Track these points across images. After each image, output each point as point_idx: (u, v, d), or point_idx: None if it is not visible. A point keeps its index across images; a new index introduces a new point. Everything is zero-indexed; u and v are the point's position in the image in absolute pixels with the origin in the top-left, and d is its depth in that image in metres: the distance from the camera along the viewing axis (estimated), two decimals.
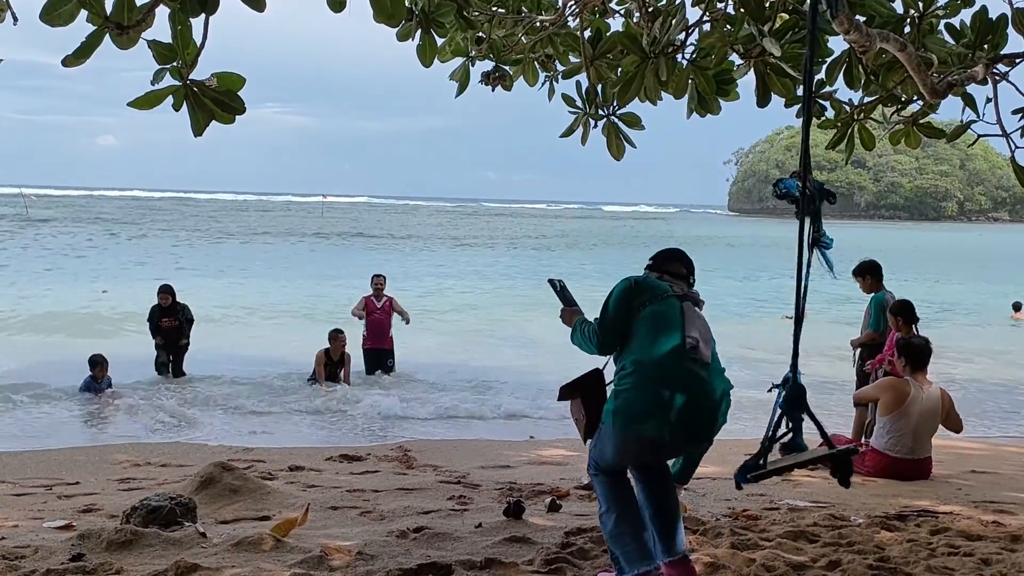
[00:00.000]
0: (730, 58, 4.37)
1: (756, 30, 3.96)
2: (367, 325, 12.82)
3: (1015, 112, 4.36)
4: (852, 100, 4.82)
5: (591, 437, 3.65)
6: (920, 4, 4.20)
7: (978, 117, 4.45)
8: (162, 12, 2.65)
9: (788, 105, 4.46)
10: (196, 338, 12.79)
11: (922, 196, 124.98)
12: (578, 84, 4.79)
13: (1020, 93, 4.22)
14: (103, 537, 3.88)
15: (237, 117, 2.87)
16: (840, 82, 4.50)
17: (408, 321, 13.04)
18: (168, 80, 2.68)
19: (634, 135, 4.75)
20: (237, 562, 3.58)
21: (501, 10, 4.80)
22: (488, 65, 5.13)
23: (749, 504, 5.34)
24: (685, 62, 4.30)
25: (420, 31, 4.41)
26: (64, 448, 8.34)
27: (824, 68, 4.45)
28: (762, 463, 3.23)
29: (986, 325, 21.38)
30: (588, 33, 4.61)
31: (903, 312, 7.73)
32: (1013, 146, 4.41)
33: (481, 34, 4.89)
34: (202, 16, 2.69)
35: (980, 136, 4.60)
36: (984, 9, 4.20)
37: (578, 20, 4.75)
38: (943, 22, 4.35)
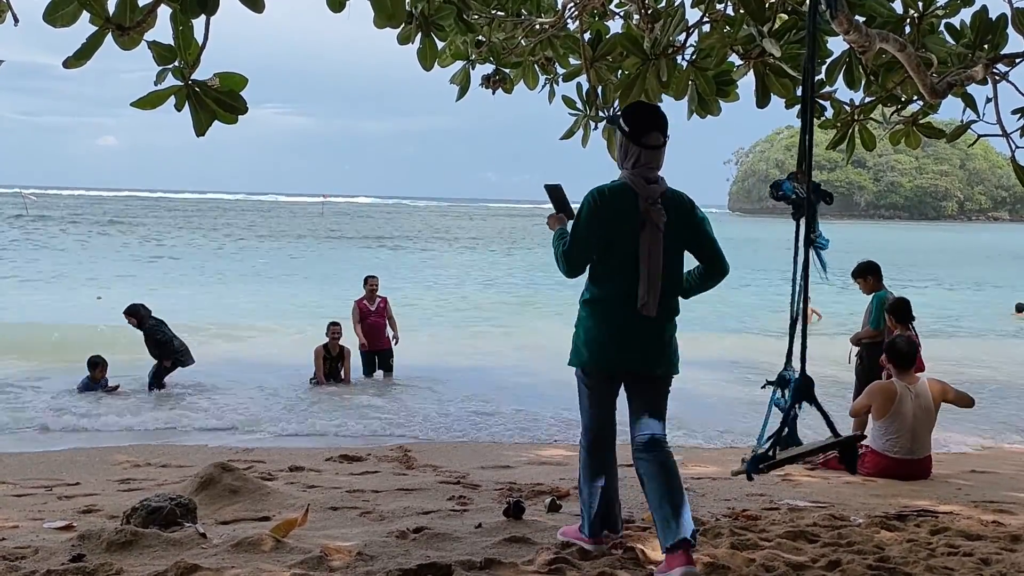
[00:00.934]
0: (730, 59, 4.38)
1: (756, 31, 3.96)
2: (364, 329, 12.78)
3: (1015, 112, 4.37)
4: (852, 100, 4.84)
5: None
6: (920, 4, 4.20)
7: (978, 117, 4.46)
8: (163, 13, 2.66)
9: (788, 106, 4.47)
10: (197, 339, 12.80)
11: (922, 196, 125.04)
12: (578, 86, 4.80)
13: (1020, 93, 4.23)
14: (103, 538, 3.88)
15: (239, 117, 2.88)
16: (840, 82, 4.51)
17: (397, 341, 12.95)
18: (170, 80, 2.69)
19: None
20: (237, 563, 3.58)
21: (501, 13, 4.81)
22: (488, 68, 5.15)
23: (749, 504, 5.35)
24: (685, 63, 4.31)
25: (420, 34, 4.42)
26: (64, 449, 8.35)
27: (824, 68, 4.46)
28: (771, 453, 3.28)
29: (989, 333, 21.36)
30: (588, 35, 4.62)
31: (896, 311, 7.82)
32: (1013, 146, 4.42)
33: (481, 37, 4.90)
34: (203, 17, 2.70)
35: (980, 136, 4.61)
36: (984, 9, 4.21)
37: (578, 22, 4.76)
38: (943, 22, 4.36)
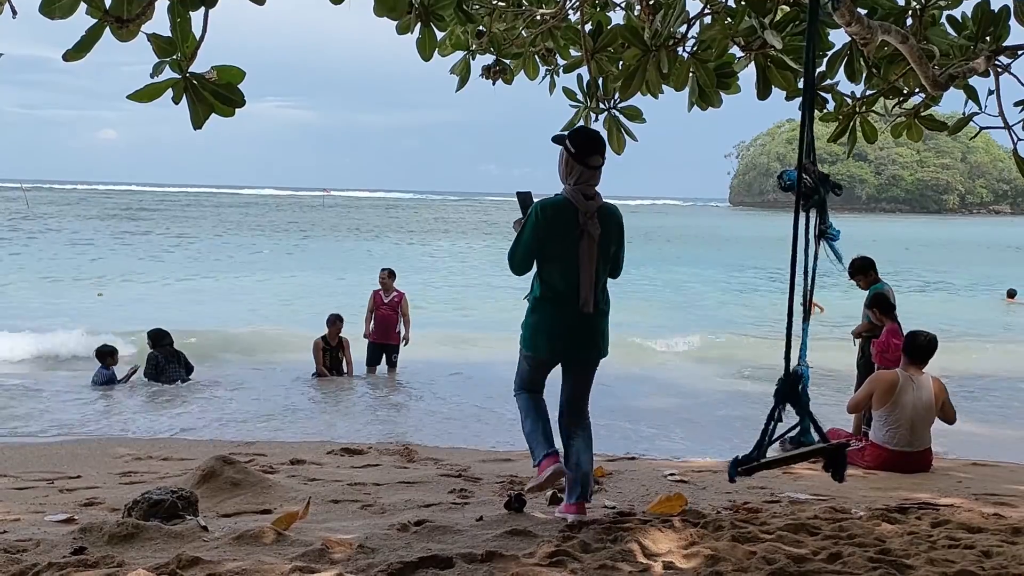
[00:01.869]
0: (731, 51, 4.36)
1: (757, 22, 3.95)
2: (374, 319, 12.81)
3: (1017, 104, 4.34)
4: (854, 93, 4.82)
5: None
6: None
7: (980, 109, 4.44)
8: (161, 5, 2.65)
9: (789, 98, 4.45)
10: (199, 331, 12.80)
11: (923, 189, 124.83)
12: (579, 78, 4.78)
13: (1022, 85, 4.21)
14: (105, 530, 3.88)
15: (237, 110, 2.87)
16: (841, 75, 4.49)
17: (407, 341, 12.93)
18: (168, 73, 2.67)
19: (635, 128, 4.75)
20: (238, 555, 3.59)
21: (501, 3, 4.80)
22: (488, 59, 5.13)
23: (750, 497, 5.35)
24: (686, 55, 4.29)
25: (420, 24, 4.40)
26: (65, 442, 8.36)
27: (825, 61, 4.44)
28: (755, 456, 3.22)
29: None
30: (589, 26, 4.60)
31: (878, 303, 8.08)
32: (1015, 138, 4.40)
33: (481, 28, 4.89)
34: (202, 9, 2.69)
35: (982, 129, 4.59)
36: (986, 1, 4.19)
37: (579, 13, 4.74)
38: (945, 14, 4.34)
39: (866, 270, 8.47)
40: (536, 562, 3.61)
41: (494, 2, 4.79)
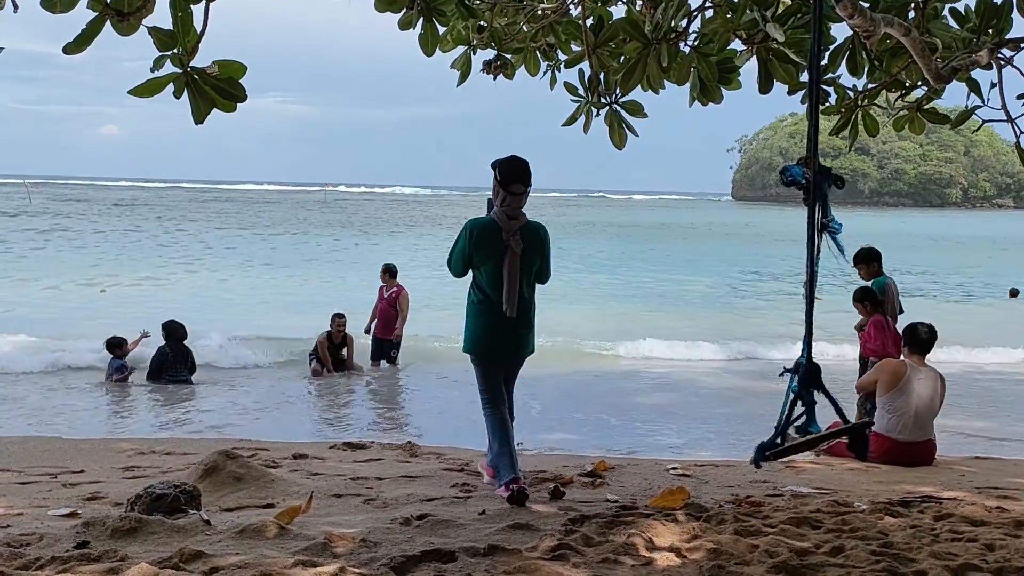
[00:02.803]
0: (732, 45, 4.35)
1: (759, 16, 3.94)
2: (377, 313, 12.89)
3: (1020, 97, 4.33)
4: (856, 86, 4.80)
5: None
6: None
7: (983, 102, 4.43)
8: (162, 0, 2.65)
9: (791, 92, 4.44)
10: (199, 328, 12.78)
11: (926, 183, 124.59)
12: (580, 72, 4.77)
13: None
14: (108, 525, 3.89)
15: (239, 105, 2.87)
16: (843, 68, 4.48)
17: (398, 337, 12.88)
18: (169, 67, 2.67)
19: (637, 123, 4.74)
20: (241, 549, 3.59)
21: None
22: (489, 54, 5.12)
23: (752, 491, 5.35)
24: (688, 49, 4.28)
25: (422, 20, 4.39)
26: (69, 437, 8.36)
27: (827, 54, 4.43)
28: (779, 441, 3.25)
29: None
30: (590, 21, 4.59)
31: (867, 297, 8.12)
32: (1018, 131, 4.39)
33: (482, 23, 4.87)
34: (202, 3, 2.69)
35: (985, 122, 4.57)
36: None
37: (580, 8, 4.73)
38: (947, 7, 4.32)
39: (869, 260, 8.43)
40: (539, 556, 3.62)
41: None
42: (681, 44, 4.26)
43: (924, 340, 6.91)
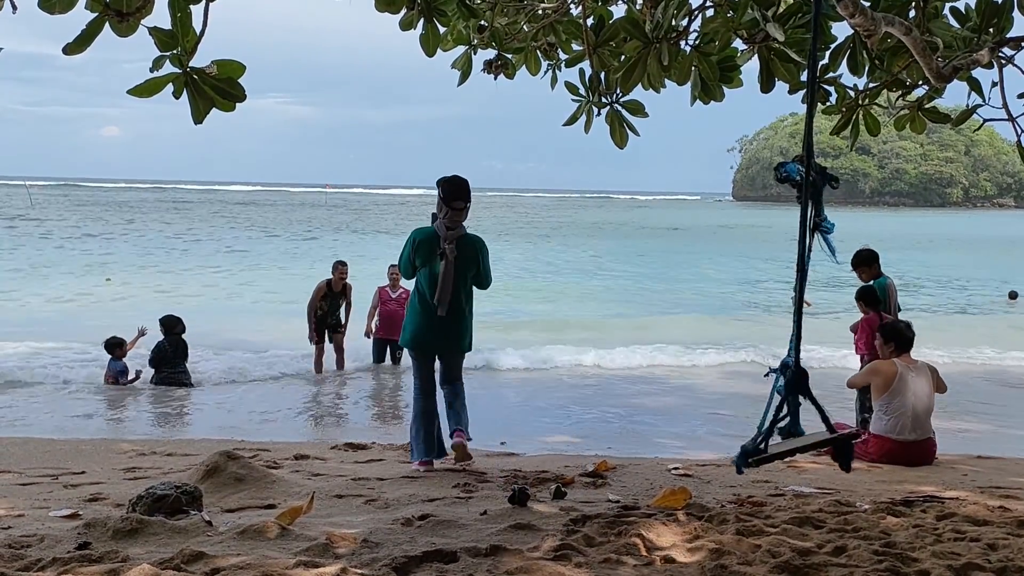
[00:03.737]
0: (733, 44, 4.34)
1: (760, 15, 3.93)
2: (379, 315, 12.75)
3: (1021, 96, 4.32)
4: (857, 85, 4.79)
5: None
6: None
7: (984, 102, 4.42)
8: (161, 0, 2.65)
9: (792, 91, 4.43)
10: (200, 328, 12.77)
11: (927, 182, 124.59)
12: (581, 72, 4.76)
13: None
14: (109, 526, 3.88)
15: (238, 105, 2.86)
16: (843, 67, 4.47)
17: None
18: (168, 68, 2.67)
19: (638, 123, 4.73)
20: (242, 550, 3.59)
21: None
22: (490, 53, 5.11)
23: (754, 491, 5.34)
24: (689, 48, 4.27)
25: (423, 20, 4.39)
26: (70, 438, 8.36)
27: (828, 53, 4.42)
28: (763, 447, 3.21)
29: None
30: (591, 20, 4.59)
31: (864, 296, 8.17)
32: (1019, 130, 4.38)
33: (483, 22, 4.87)
34: (202, 3, 2.68)
35: (986, 121, 4.56)
36: None
37: (580, 7, 4.72)
38: (948, 5, 4.32)
39: (869, 263, 8.41)
40: (540, 556, 3.61)
41: None
42: (682, 43, 4.26)
43: (908, 338, 6.96)
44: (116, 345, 11.38)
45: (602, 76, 4.69)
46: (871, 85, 4.76)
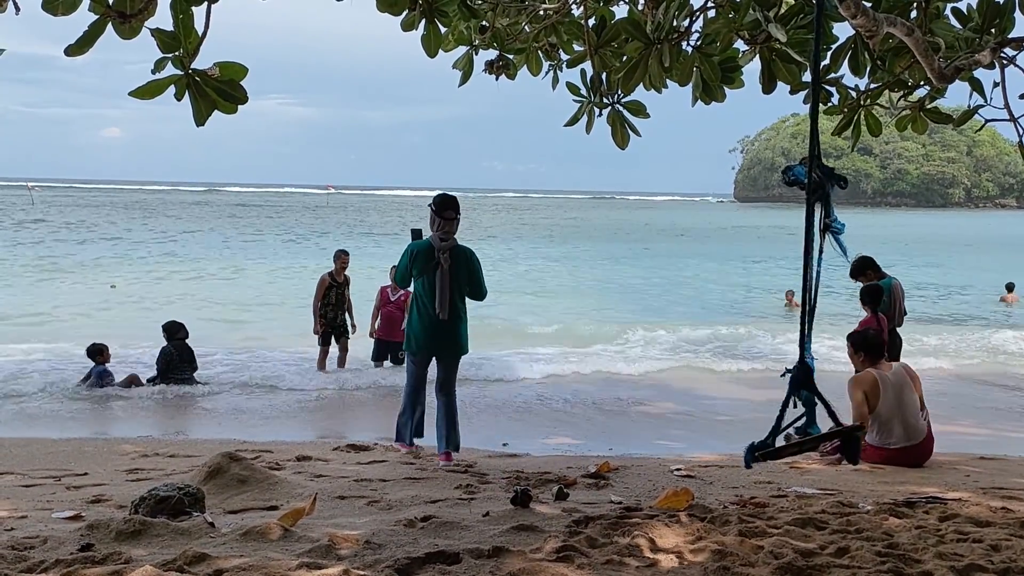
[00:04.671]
0: (735, 45, 4.34)
1: (762, 16, 3.93)
2: (380, 316, 12.77)
3: (1023, 97, 4.32)
4: (858, 86, 4.79)
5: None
6: None
7: (986, 102, 4.41)
8: (163, 1, 2.65)
9: (794, 92, 4.43)
10: (203, 330, 12.77)
11: (929, 183, 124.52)
12: (582, 73, 4.76)
13: None
14: (112, 527, 3.89)
15: (240, 107, 2.86)
16: (845, 68, 4.47)
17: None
18: (170, 69, 2.67)
19: (639, 124, 4.73)
20: (245, 551, 3.59)
21: None
22: (491, 54, 5.11)
23: (756, 491, 5.34)
24: (690, 49, 4.27)
25: (424, 21, 4.39)
26: (72, 439, 8.37)
27: (830, 54, 4.42)
28: (771, 442, 3.22)
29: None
30: (592, 21, 4.58)
31: (864, 294, 8.33)
32: (1020, 131, 4.37)
33: (485, 23, 4.86)
34: (204, 5, 2.68)
35: (987, 121, 4.55)
36: None
37: (582, 8, 4.72)
38: (950, 6, 4.31)
39: (865, 270, 8.58)
40: (543, 557, 3.61)
41: None
42: (683, 44, 4.25)
43: (878, 344, 6.90)
44: (98, 351, 11.37)
45: (603, 77, 4.69)
46: (873, 86, 4.75)
